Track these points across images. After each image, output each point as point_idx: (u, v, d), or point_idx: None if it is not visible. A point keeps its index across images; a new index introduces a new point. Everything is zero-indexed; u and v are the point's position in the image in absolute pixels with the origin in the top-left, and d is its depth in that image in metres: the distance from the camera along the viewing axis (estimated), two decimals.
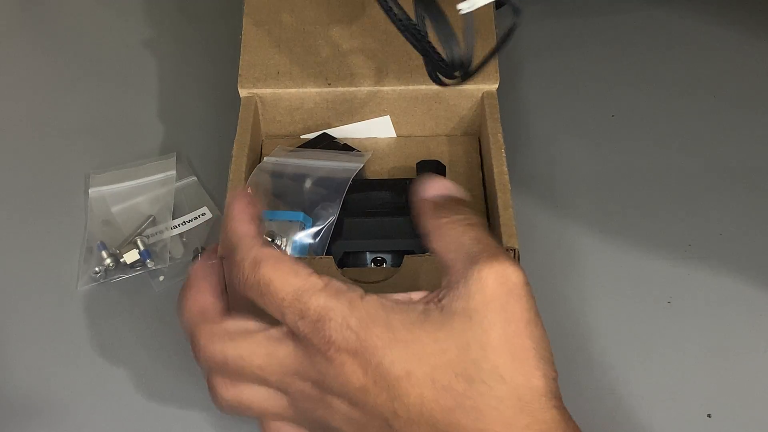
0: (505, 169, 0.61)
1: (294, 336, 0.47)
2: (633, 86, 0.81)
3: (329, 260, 0.56)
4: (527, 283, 0.47)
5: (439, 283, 0.48)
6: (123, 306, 0.66)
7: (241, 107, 0.68)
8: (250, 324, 0.48)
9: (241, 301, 0.49)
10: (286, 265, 0.47)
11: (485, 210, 0.65)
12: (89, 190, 0.73)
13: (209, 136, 0.77)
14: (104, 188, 0.72)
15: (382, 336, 0.45)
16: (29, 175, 0.76)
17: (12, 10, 0.92)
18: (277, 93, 0.69)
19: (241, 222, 0.50)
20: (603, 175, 0.74)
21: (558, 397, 0.46)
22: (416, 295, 0.48)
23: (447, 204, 0.50)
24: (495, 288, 0.46)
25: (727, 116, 0.78)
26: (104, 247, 0.68)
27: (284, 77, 0.69)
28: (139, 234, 0.69)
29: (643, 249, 0.68)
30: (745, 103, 0.79)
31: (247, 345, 0.48)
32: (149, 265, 0.67)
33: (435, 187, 0.51)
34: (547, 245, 0.68)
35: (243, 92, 0.69)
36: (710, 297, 0.65)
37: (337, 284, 0.46)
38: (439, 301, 0.46)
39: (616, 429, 0.58)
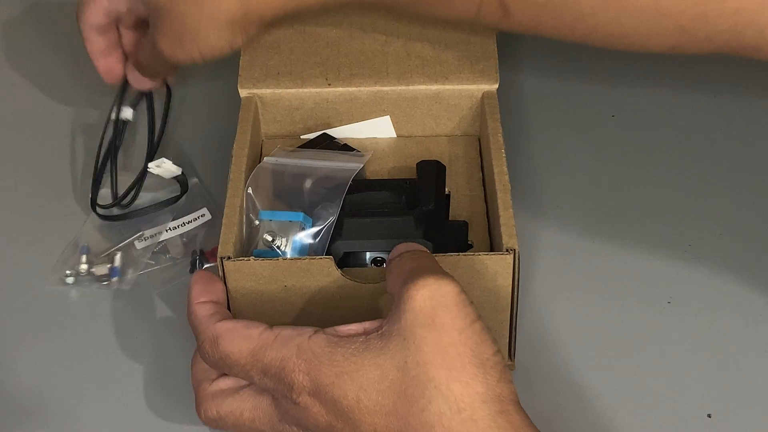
0: (505, 169, 0.61)
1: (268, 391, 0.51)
2: (633, 86, 0.81)
3: (329, 260, 0.56)
4: (460, 292, 0.48)
5: None
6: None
7: (241, 107, 0.68)
8: (239, 381, 0.53)
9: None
10: (238, 335, 0.51)
11: (485, 211, 0.65)
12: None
13: (209, 136, 0.77)
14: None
15: (328, 372, 0.48)
16: (30, 174, 0.76)
17: (13, 10, 0.92)
18: (277, 93, 0.69)
19: (198, 305, 0.55)
20: (603, 175, 0.74)
21: (507, 401, 0.46)
22: (370, 325, 0.50)
23: (402, 250, 0.53)
24: (422, 304, 0.47)
25: (727, 116, 0.78)
26: (87, 251, 0.68)
27: (284, 77, 0.69)
28: (123, 248, 0.69)
29: (643, 249, 0.68)
30: (745, 103, 0.79)
31: (236, 402, 0.52)
32: (113, 284, 0.67)
33: (399, 247, 0.53)
34: (547, 245, 0.68)
35: (243, 92, 0.69)
36: (710, 297, 0.65)
37: (286, 333, 0.50)
38: (381, 327, 0.48)
39: (616, 429, 0.58)
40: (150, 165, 0.69)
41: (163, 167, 0.69)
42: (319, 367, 0.48)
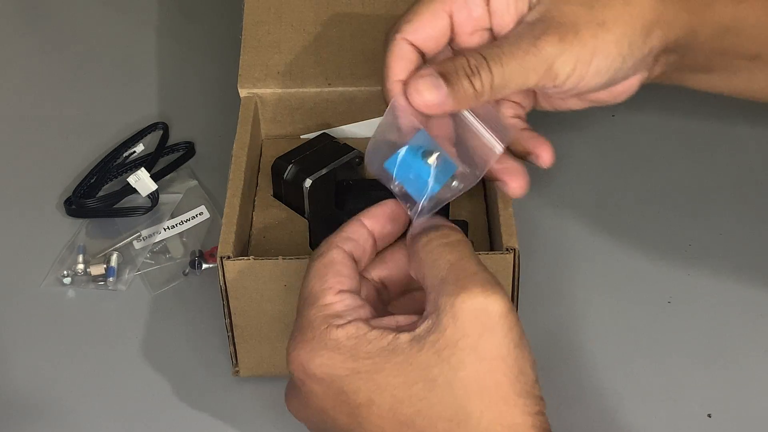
0: None
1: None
2: None
3: None
4: (508, 313, 0.45)
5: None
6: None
7: (241, 107, 0.68)
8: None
9: None
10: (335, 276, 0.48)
11: (485, 210, 0.65)
12: None
13: (209, 136, 0.77)
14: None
15: (344, 366, 0.45)
16: (28, 174, 0.76)
17: (13, 10, 0.93)
18: (277, 93, 0.69)
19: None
20: (603, 174, 0.74)
21: (542, 429, 0.45)
22: (404, 320, 0.47)
23: (425, 228, 0.49)
24: (467, 323, 0.44)
25: (726, 116, 0.78)
26: (83, 251, 0.68)
27: (284, 77, 0.69)
28: (120, 248, 0.69)
29: (643, 249, 0.68)
30: (744, 103, 0.79)
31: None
32: (109, 284, 0.67)
33: (418, 224, 0.50)
34: (547, 245, 0.68)
35: (243, 92, 0.69)
36: (710, 297, 0.65)
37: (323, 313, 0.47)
38: (414, 330, 0.45)
39: (616, 429, 0.58)
40: (129, 178, 0.70)
41: (141, 180, 0.70)
42: (336, 357, 0.46)
